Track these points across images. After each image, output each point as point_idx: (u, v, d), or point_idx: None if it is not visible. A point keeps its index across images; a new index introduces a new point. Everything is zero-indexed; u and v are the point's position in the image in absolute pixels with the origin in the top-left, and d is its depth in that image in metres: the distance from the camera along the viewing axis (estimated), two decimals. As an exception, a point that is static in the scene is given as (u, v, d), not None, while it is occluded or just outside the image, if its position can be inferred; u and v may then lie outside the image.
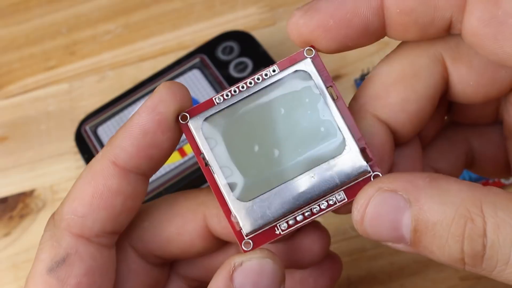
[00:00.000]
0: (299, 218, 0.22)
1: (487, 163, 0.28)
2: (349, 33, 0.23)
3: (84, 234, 0.23)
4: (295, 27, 0.23)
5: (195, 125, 0.23)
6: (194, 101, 0.40)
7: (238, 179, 0.22)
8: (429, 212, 0.20)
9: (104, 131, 0.40)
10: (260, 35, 0.42)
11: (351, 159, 0.22)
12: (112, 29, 0.46)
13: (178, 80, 0.40)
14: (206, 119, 0.23)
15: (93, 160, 0.24)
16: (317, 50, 0.23)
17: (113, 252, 0.24)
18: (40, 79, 0.44)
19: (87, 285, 0.23)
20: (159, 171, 0.37)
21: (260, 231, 0.22)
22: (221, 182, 0.22)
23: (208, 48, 0.41)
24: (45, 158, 0.41)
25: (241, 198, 0.22)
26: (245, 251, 0.22)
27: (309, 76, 0.23)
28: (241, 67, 0.40)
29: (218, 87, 0.40)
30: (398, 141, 0.24)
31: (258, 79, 0.23)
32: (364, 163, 0.22)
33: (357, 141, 0.22)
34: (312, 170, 0.22)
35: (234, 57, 0.41)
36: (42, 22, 0.47)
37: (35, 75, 0.45)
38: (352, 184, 0.22)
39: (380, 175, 0.22)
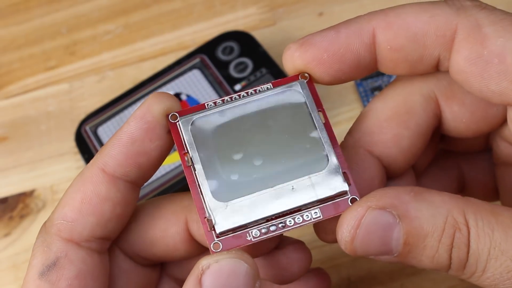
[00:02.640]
0: (272, 228, 0.22)
1: (477, 188, 0.29)
2: (342, 67, 0.23)
3: (74, 238, 0.23)
4: (290, 59, 0.24)
5: (184, 124, 0.23)
6: (193, 101, 0.40)
7: (219, 179, 0.23)
8: (420, 225, 0.21)
9: (104, 131, 0.40)
10: (260, 35, 0.42)
11: (332, 177, 0.22)
12: (112, 29, 0.46)
13: (178, 80, 0.40)
14: (195, 119, 0.23)
15: (84, 168, 0.24)
16: (312, 79, 0.24)
17: (106, 258, 0.25)
18: (40, 79, 0.44)
19: None
20: (158, 171, 0.37)
21: (231, 234, 0.22)
22: (201, 180, 0.23)
23: (208, 48, 0.41)
24: (45, 158, 0.41)
25: (218, 198, 0.22)
26: (213, 252, 0.22)
27: (301, 96, 0.23)
28: (241, 67, 0.40)
29: (218, 87, 0.40)
30: (391, 174, 0.25)
31: (251, 93, 0.24)
32: (345, 183, 0.22)
33: (340, 162, 0.23)
34: (293, 181, 0.22)
35: (234, 57, 0.41)
36: (42, 22, 0.47)
37: (35, 75, 0.45)
38: (329, 203, 0.22)
39: (358, 199, 0.22)
